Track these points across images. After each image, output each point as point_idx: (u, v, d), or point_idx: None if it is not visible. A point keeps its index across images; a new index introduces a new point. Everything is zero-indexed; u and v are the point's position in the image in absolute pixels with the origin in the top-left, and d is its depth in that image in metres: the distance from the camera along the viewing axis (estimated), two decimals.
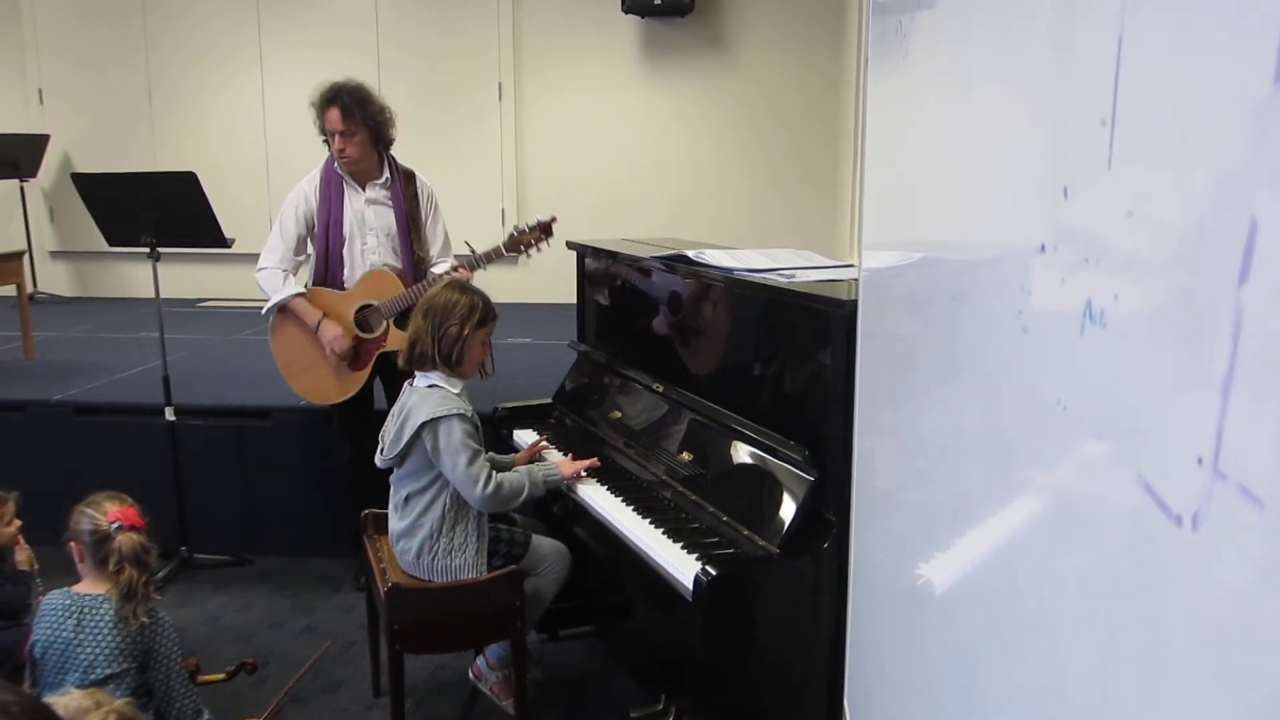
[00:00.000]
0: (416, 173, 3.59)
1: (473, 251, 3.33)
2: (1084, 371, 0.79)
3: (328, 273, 3.53)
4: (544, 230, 3.29)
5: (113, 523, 2.28)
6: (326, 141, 3.49)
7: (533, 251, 3.34)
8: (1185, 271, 0.63)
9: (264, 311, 3.59)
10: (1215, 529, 0.58)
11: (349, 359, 3.46)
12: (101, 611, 2.29)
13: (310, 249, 3.57)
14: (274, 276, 3.54)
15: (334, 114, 3.37)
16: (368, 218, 3.50)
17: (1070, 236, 0.84)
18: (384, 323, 3.39)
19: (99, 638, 2.26)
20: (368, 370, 3.45)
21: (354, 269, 3.49)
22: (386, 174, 3.51)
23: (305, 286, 3.57)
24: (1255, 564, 0.54)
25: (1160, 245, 0.67)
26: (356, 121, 3.39)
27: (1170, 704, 0.66)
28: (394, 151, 3.58)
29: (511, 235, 3.30)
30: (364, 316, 3.43)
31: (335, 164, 3.50)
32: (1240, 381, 0.55)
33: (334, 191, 3.50)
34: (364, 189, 3.50)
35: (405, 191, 3.50)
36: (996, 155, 1.07)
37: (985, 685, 1.16)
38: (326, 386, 3.54)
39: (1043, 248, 0.88)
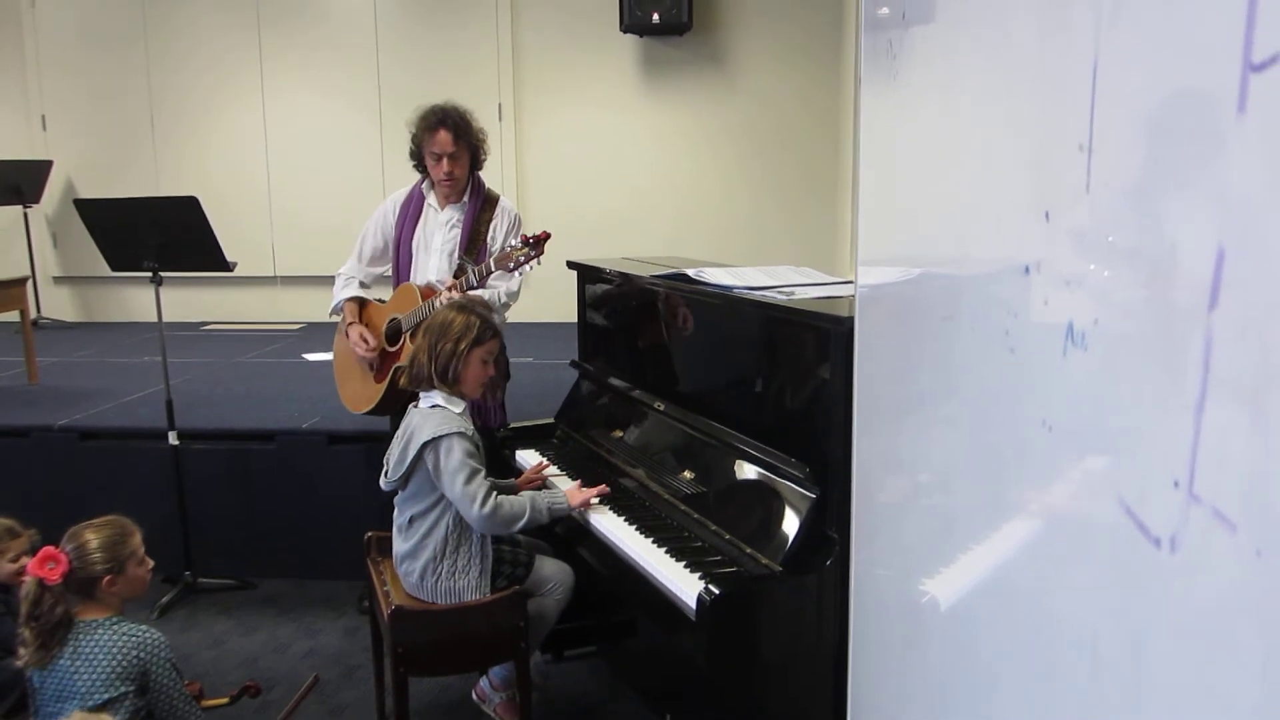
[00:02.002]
0: (502, 198, 3.61)
1: (468, 269, 3.32)
2: (1067, 393, 0.79)
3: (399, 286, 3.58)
4: (533, 246, 3.20)
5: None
6: (417, 166, 3.52)
7: (525, 269, 3.26)
8: (1159, 296, 0.64)
9: (329, 314, 3.69)
10: (1192, 552, 0.59)
11: (375, 367, 3.49)
12: (95, 637, 2.30)
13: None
14: (338, 283, 3.63)
15: (445, 136, 3.39)
16: (434, 239, 3.52)
17: (1052, 259, 0.85)
18: (403, 336, 3.40)
19: (94, 664, 2.27)
20: (384, 383, 3.45)
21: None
22: (467, 197, 3.53)
23: (361, 299, 3.61)
24: (1230, 586, 0.54)
25: (1135, 270, 0.67)
26: (463, 143, 3.43)
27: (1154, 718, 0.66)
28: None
29: (504, 250, 3.27)
30: (393, 328, 3.45)
31: (424, 184, 3.53)
32: (1211, 405, 0.56)
33: (412, 211, 3.56)
34: (443, 209, 3.52)
35: (479, 215, 3.52)
36: (983, 176, 1.08)
37: (988, 698, 1.17)
38: (360, 395, 3.58)
39: (1027, 269, 0.89)
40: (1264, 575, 0.53)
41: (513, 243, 3.23)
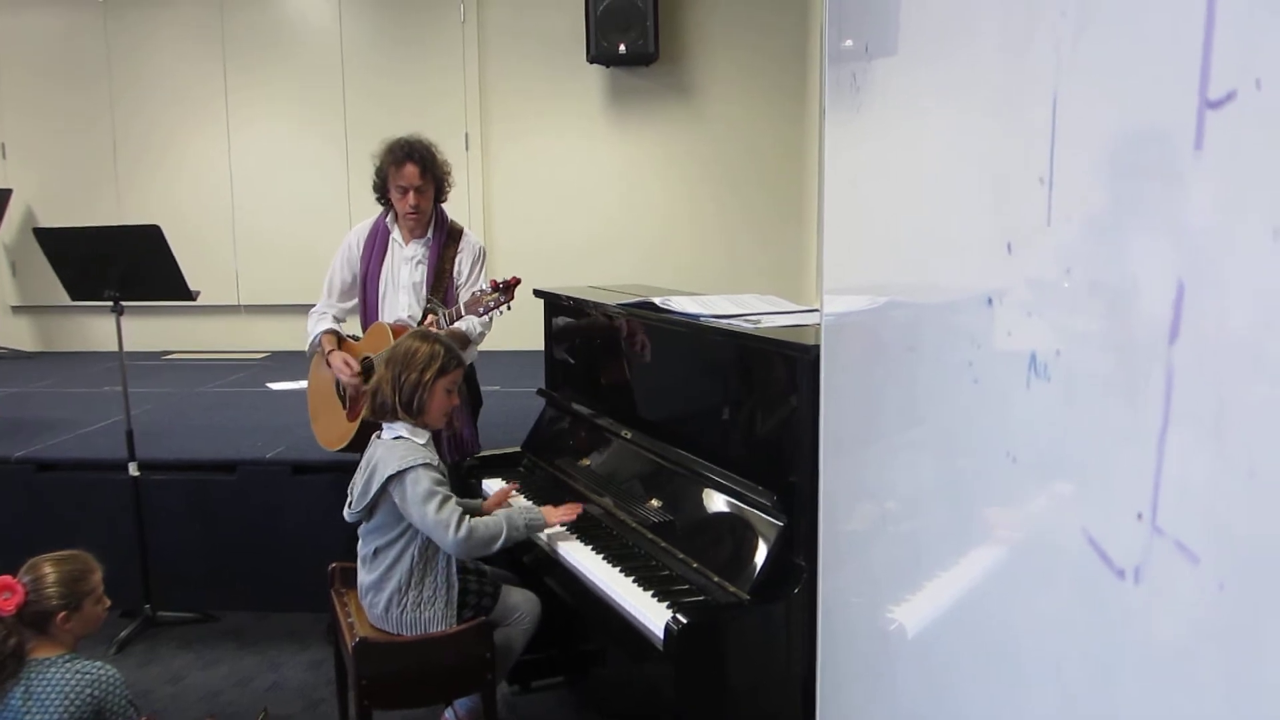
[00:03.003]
0: (466, 231, 3.59)
1: (437, 311, 3.32)
2: (1031, 424, 0.80)
3: (367, 323, 3.54)
4: (504, 290, 3.22)
5: None
6: (380, 199, 3.50)
7: (494, 314, 3.26)
8: (1120, 329, 0.64)
9: (306, 348, 3.64)
10: (1156, 584, 0.59)
11: (345, 404, 3.46)
12: (48, 676, 2.25)
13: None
14: (312, 317, 3.58)
15: (412, 170, 3.37)
16: (402, 274, 3.50)
17: (1014, 290, 0.85)
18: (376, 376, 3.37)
19: (46, 704, 2.22)
20: (357, 422, 3.43)
21: (384, 320, 3.49)
22: (431, 232, 3.51)
23: (338, 333, 3.57)
24: (1193, 618, 0.55)
25: (1096, 303, 0.68)
26: (430, 177, 3.41)
27: None
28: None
29: (473, 294, 3.27)
30: (366, 367, 3.42)
31: (388, 218, 3.51)
32: (1173, 439, 0.56)
33: (377, 245, 3.52)
34: (407, 244, 3.50)
35: (444, 251, 3.50)
36: (946, 208, 1.09)
37: None
38: (332, 434, 3.53)
39: (989, 300, 0.90)
40: (1227, 608, 0.53)
41: (483, 287, 3.23)
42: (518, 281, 3.20)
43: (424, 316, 3.35)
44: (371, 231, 3.54)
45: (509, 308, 3.21)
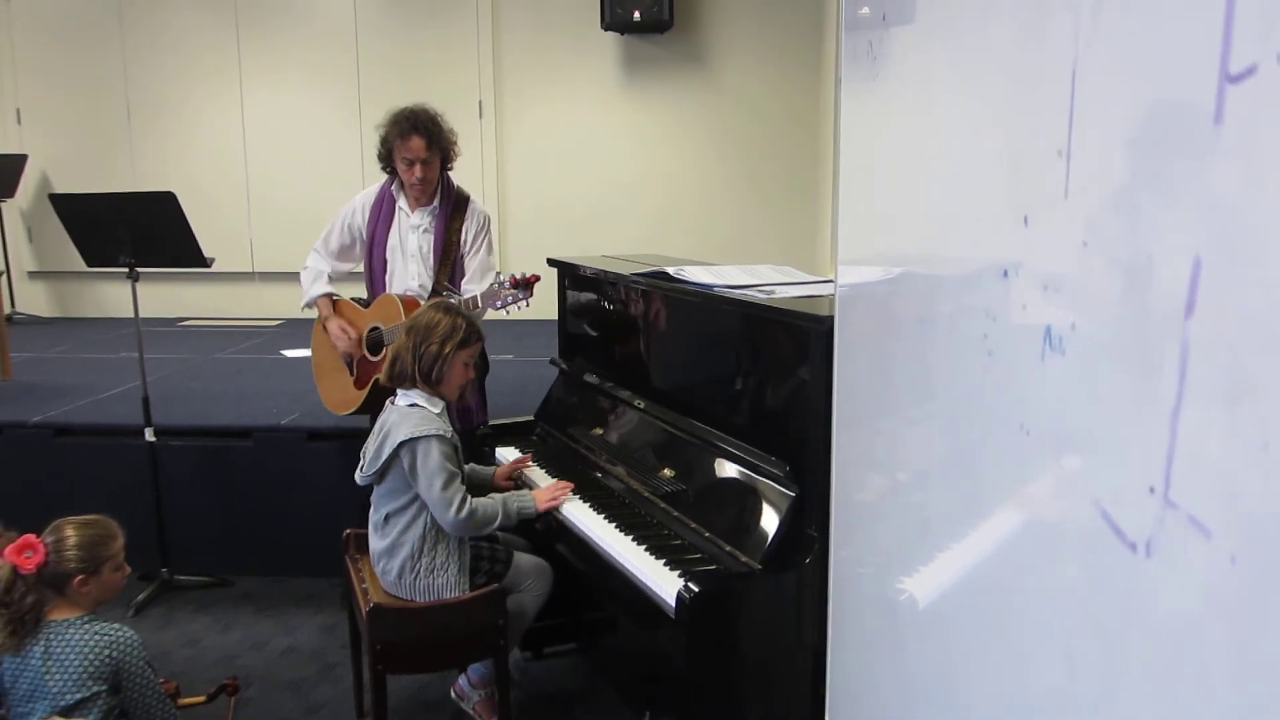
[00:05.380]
0: (472, 199, 3.59)
1: (454, 300, 3.32)
2: (1045, 398, 0.80)
3: (373, 289, 3.55)
4: (524, 287, 3.20)
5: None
6: (386, 168, 3.50)
7: (511, 309, 3.26)
8: (1135, 303, 0.64)
9: (302, 307, 3.68)
10: (1167, 557, 0.59)
11: (353, 371, 3.47)
12: (67, 637, 2.28)
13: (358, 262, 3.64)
14: (307, 275, 3.60)
15: (418, 142, 3.36)
16: (409, 243, 3.50)
17: (1030, 264, 0.85)
18: (385, 348, 3.38)
19: (66, 664, 2.25)
20: (365, 391, 3.44)
21: (393, 290, 3.50)
22: (437, 201, 3.51)
23: (334, 296, 3.60)
24: (1204, 591, 0.55)
25: (1112, 277, 0.68)
26: (435, 149, 3.41)
27: None
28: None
29: (491, 287, 3.26)
30: (374, 338, 3.44)
31: (394, 186, 3.51)
32: (1187, 413, 0.57)
33: (384, 212, 3.52)
34: (413, 212, 3.50)
35: (450, 223, 3.50)
36: (962, 180, 1.09)
37: (966, 698, 1.17)
38: (338, 397, 3.55)
39: (1005, 273, 0.89)
40: (1238, 581, 0.53)
41: (502, 279, 3.23)
42: (537, 279, 3.21)
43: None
44: (378, 199, 3.54)
45: (527, 304, 3.21)
